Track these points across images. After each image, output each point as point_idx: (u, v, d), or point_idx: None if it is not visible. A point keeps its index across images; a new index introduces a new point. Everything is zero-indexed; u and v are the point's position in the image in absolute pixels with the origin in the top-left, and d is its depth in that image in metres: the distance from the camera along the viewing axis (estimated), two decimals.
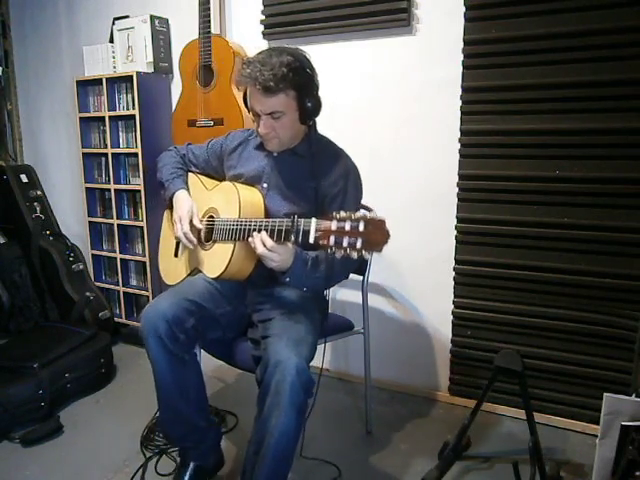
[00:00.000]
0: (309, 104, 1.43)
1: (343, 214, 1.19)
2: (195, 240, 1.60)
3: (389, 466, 1.80)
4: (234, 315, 1.60)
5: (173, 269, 1.76)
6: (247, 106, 1.51)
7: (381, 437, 1.97)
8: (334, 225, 1.18)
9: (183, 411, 1.55)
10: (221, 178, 1.73)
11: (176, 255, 1.75)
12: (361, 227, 1.15)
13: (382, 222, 1.15)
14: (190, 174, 1.79)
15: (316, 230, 1.21)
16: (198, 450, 1.62)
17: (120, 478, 1.74)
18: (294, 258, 1.37)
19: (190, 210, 1.63)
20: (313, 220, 1.23)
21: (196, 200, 1.69)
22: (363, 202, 1.88)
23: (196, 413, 1.58)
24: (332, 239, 1.18)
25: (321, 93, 1.44)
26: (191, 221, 1.61)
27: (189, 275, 1.67)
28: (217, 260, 1.53)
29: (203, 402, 1.62)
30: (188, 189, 1.73)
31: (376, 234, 1.14)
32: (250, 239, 1.36)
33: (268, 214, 1.54)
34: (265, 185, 1.57)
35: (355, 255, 1.16)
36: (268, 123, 1.45)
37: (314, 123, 1.55)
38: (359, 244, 1.15)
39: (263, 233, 1.34)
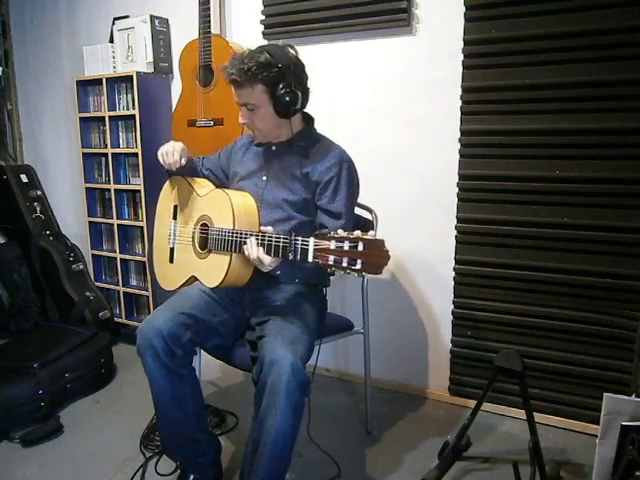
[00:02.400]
0: (286, 98, 1.46)
1: (341, 233, 1.19)
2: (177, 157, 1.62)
3: (389, 466, 1.80)
4: (232, 321, 1.60)
5: (169, 274, 1.74)
6: None
7: (381, 437, 1.97)
8: (332, 244, 1.18)
9: (182, 425, 1.56)
10: (224, 180, 1.75)
11: (171, 261, 1.73)
12: (360, 247, 1.14)
13: (381, 243, 1.14)
14: (179, 178, 1.76)
15: (314, 250, 1.22)
16: (198, 465, 1.62)
17: (120, 478, 1.74)
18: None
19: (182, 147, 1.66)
20: (311, 239, 1.23)
21: (187, 206, 1.68)
22: (363, 202, 1.89)
23: (195, 426, 1.58)
24: (331, 259, 1.18)
25: (320, 93, 1.45)
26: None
27: (186, 282, 1.66)
28: (214, 271, 1.51)
29: (201, 415, 1.63)
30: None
31: (376, 256, 1.13)
32: (244, 246, 1.38)
33: (265, 210, 1.57)
34: (264, 178, 1.62)
35: (355, 275, 1.17)
36: (245, 114, 1.53)
37: (312, 119, 1.62)
38: (359, 265, 1.14)
39: (260, 250, 1.35)
